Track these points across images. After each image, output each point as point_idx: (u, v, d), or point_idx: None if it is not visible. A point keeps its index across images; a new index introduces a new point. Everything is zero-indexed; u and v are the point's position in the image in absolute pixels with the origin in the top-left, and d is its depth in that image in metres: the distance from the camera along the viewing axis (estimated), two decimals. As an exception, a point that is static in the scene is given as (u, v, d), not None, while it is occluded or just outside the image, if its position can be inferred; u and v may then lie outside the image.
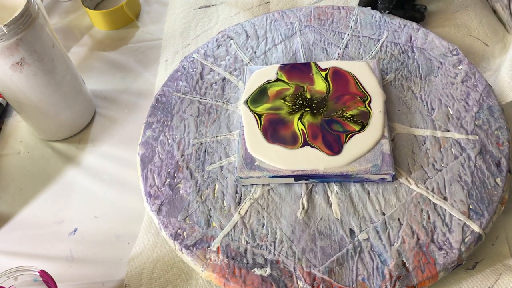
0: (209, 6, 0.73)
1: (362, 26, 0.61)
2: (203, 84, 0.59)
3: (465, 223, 0.44)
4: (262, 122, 0.52)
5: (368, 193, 0.48)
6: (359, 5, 0.64)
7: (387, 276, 0.42)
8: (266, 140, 0.50)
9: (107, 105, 0.65)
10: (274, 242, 0.45)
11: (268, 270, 0.44)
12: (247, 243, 0.46)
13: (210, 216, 0.48)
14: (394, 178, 0.48)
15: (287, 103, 0.53)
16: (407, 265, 0.43)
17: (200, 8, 0.73)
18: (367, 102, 0.52)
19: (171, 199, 0.49)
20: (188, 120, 0.55)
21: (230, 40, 0.63)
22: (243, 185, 0.50)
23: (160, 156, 0.53)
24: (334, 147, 0.49)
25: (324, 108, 0.52)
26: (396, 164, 0.49)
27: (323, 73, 0.55)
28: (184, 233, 0.47)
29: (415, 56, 0.57)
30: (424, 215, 0.45)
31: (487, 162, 0.48)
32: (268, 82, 0.55)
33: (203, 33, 0.70)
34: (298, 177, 0.48)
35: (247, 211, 0.48)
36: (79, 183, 0.57)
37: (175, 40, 0.70)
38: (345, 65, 0.56)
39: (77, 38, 0.74)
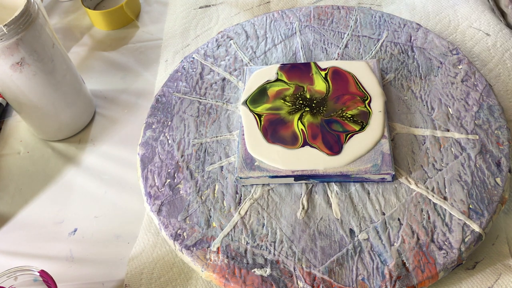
0: (209, 6, 0.73)
1: (362, 26, 0.61)
2: (203, 84, 0.59)
3: (465, 223, 0.44)
4: (262, 122, 0.52)
5: (368, 193, 0.48)
6: None
7: (387, 276, 0.42)
8: (266, 140, 0.50)
9: (107, 105, 0.65)
10: (274, 242, 0.45)
11: (268, 270, 0.44)
12: (247, 243, 0.46)
13: (210, 217, 0.48)
14: (394, 178, 0.48)
15: (287, 103, 0.53)
16: (407, 265, 0.43)
17: (200, 8, 0.73)
18: (367, 102, 0.52)
19: (171, 200, 0.49)
20: (188, 121, 0.55)
21: (230, 40, 0.63)
22: (243, 185, 0.50)
23: (160, 156, 0.53)
24: (334, 147, 0.49)
25: (324, 108, 0.52)
26: (396, 164, 0.49)
27: (323, 73, 0.55)
28: (184, 234, 0.47)
29: (415, 56, 0.57)
30: (424, 215, 0.45)
31: (487, 161, 0.48)
32: (268, 82, 0.55)
33: (203, 33, 0.70)
34: (298, 177, 0.48)
35: (247, 211, 0.48)
36: (79, 183, 0.57)
37: (175, 40, 0.70)
38: (345, 65, 0.56)
39: (77, 38, 0.74)
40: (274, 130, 0.51)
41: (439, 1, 0.66)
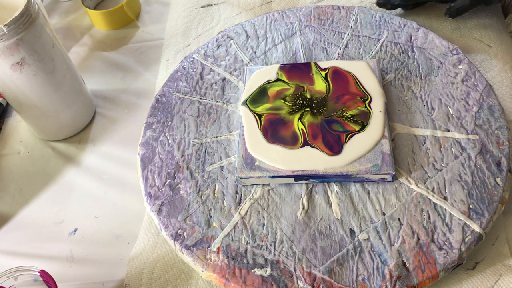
0: (211, 5, 0.73)
1: (362, 26, 0.61)
2: (203, 84, 0.59)
3: (465, 223, 0.44)
4: (262, 122, 0.52)
5: (368, 193, 0.47)
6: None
7: (387, 276, 0.42)
8: (266, 140, 0.50)
9: (107, 105, 0.65)
10: (274, 242, 0.45)
11: (269, 270, 0.44)
12: (247, 243, 0.46)
13: (211, 217, 0.48)
14: (394, 178, 0.48)
15: (287, 103, 0.53)
16: (407, 265, 0.43)
17: (202, 7, 0.73)
18: (367, 102, 0.52)
19: (171, 200, 0.49)
20: (188, 121, 0.55)
21: (230, 40, 0.63)
22: (243, 185, 0.50)
23: (161, 156, 0.53)
24: (334, 147, 0.49)
25: (324, 108, 0.52)
26: (396, 164, 0.49)
27: (323, 73, 0.55)
28: (185, 234, 0.47)
29: (415, 56, 0.57)
30: (424, 215, 0.45)
31: (487, 161, 0.48)
32: (268, 82, 0.55)
33: (204, 33, 0.70)
34: (298, 177, 0.48)
35: (247, 211, 0.48)
36: (79, 183, 0.57)
37: (177, 39, 0.70)
38: (345, 65, 0.56)
39: (77, 38, 0.74)
40: (274, 130, 0.51)
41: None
